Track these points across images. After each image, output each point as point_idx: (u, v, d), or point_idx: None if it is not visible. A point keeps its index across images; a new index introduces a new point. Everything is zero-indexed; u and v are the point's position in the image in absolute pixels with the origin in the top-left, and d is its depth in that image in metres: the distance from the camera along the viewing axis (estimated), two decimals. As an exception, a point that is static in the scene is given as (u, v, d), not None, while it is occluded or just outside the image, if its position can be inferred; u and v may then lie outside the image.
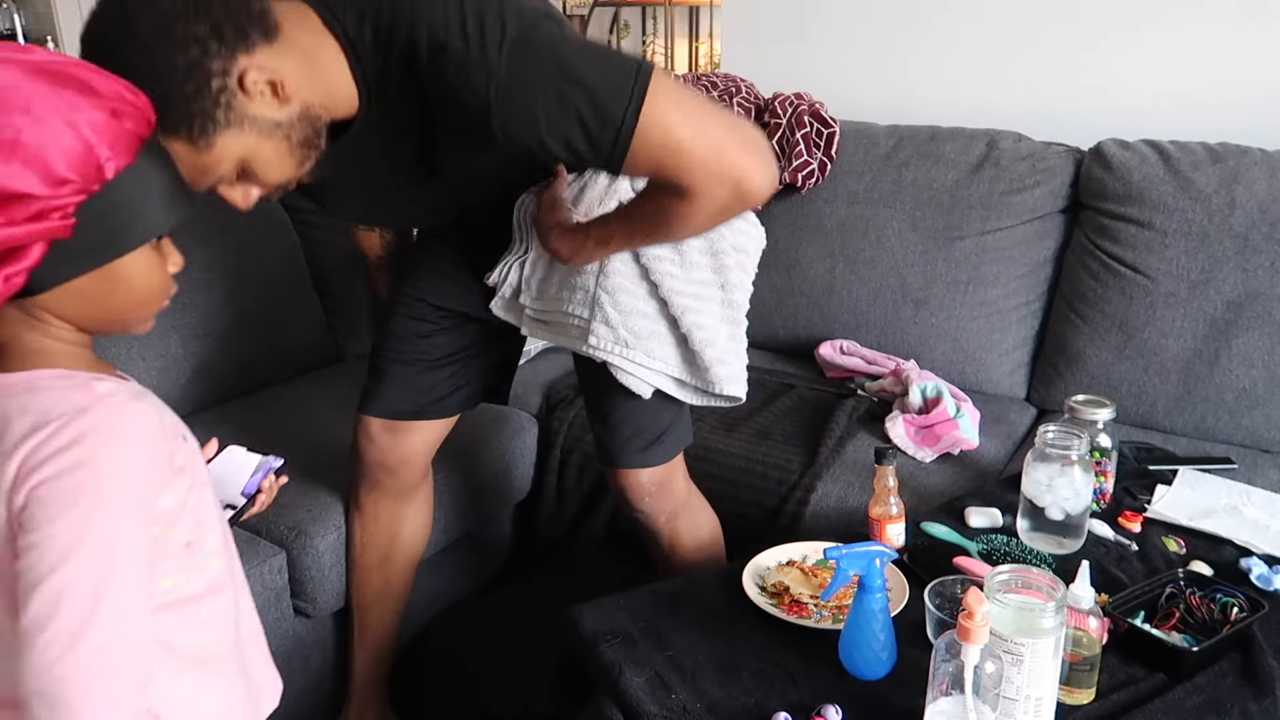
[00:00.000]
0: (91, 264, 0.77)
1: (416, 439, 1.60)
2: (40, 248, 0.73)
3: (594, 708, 1.16)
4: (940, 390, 1.86)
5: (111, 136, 0.74)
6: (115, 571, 0.74)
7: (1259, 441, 1.82)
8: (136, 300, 0.83)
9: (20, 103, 0.70)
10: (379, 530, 1.65)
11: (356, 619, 1.68)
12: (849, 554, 1.18)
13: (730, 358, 1.40)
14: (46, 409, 0.75)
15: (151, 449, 0.79)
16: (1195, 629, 1.21)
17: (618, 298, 1.34)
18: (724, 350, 1.39)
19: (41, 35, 5.36)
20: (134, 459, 0.77)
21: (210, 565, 0.88)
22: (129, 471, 0.76)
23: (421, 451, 1.62)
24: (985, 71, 2.38)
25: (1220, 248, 1.84)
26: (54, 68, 0.74)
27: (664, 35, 5.46)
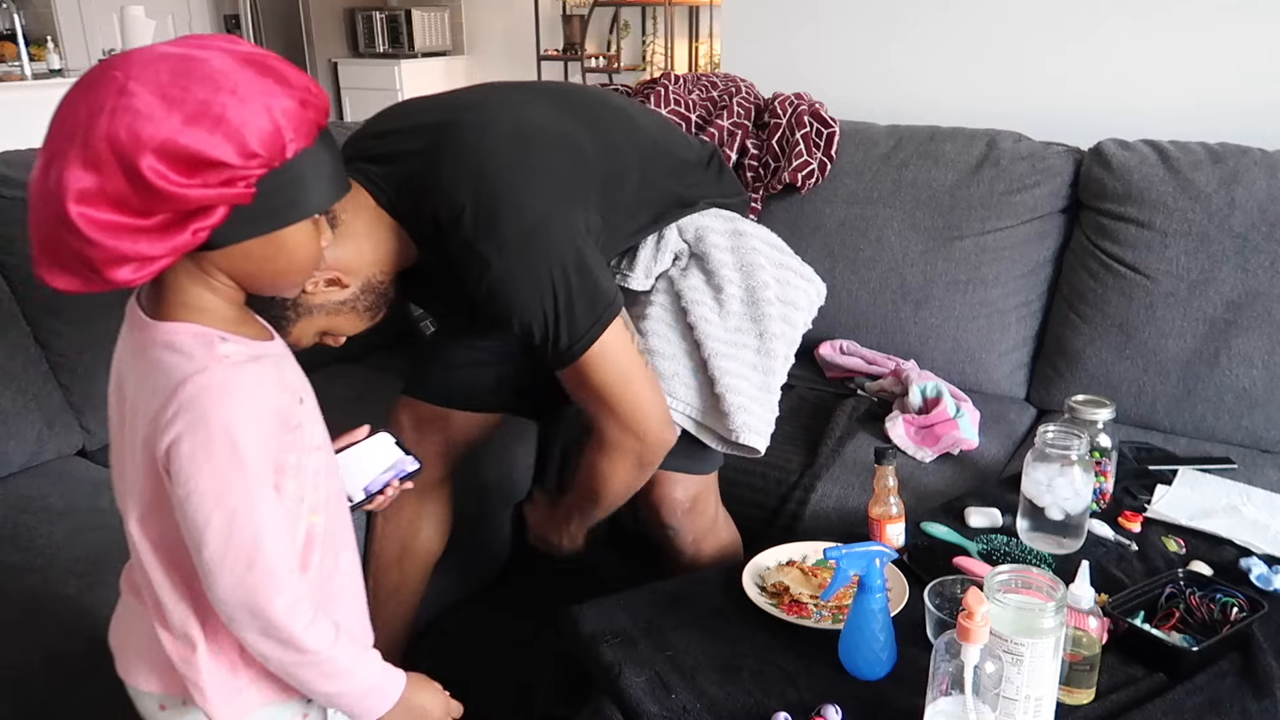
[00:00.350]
0: (264, 229, 0.88)
1: (443, 435, 1.62)
2: (224, 210, 0.83)
3: (594, 708, 1.17)
4: (940, 390, 1.86)
5: (297, 122, 0.85)
6: (259, 507, 0.88)
7: (1259, 441, 1.82)
8: (293, 266, 0.93)
9: (229, 85, 0.81)
10: (400, 526, 1.66)
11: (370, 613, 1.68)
12: (849, 554, 1.18)
13: (754, 407, 1.44)
14: (174, 366, 0.87)
15: (265, 406, 0.89)
16: (1195, 629, 1.21)
17: (649, 340, 1.44)
18: (749, 399, 1.44)
19: (41, 35, 5.36)
20: (250, 416, 0.87)
21: (309, 519, 0.97)
22: (248, 426, 0.87)
23: (446, 449, 1.63)
24: (985, 71, 2.38)
25: (1220, 248, 1.84)
26: (258, 59, 0.85)
27: (664, 35, 5.46)
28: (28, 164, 1.86)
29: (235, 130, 0.80)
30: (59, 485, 1.72)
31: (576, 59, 5.68)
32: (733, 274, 1.47)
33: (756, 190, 2.25)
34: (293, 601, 0.91)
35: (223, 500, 0.86)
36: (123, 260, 0.82)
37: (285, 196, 0.87)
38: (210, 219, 0.83)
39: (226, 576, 0.88)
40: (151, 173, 0.78)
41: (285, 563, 0.91)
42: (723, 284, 1.47)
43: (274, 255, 0.90)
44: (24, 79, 4.47)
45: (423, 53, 6.09)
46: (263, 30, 6.07)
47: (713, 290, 1.46)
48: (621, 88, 2.54)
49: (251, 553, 0.88)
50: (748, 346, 1.46)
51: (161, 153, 0.79)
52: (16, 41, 4.67)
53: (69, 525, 1.59)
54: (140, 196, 0.79)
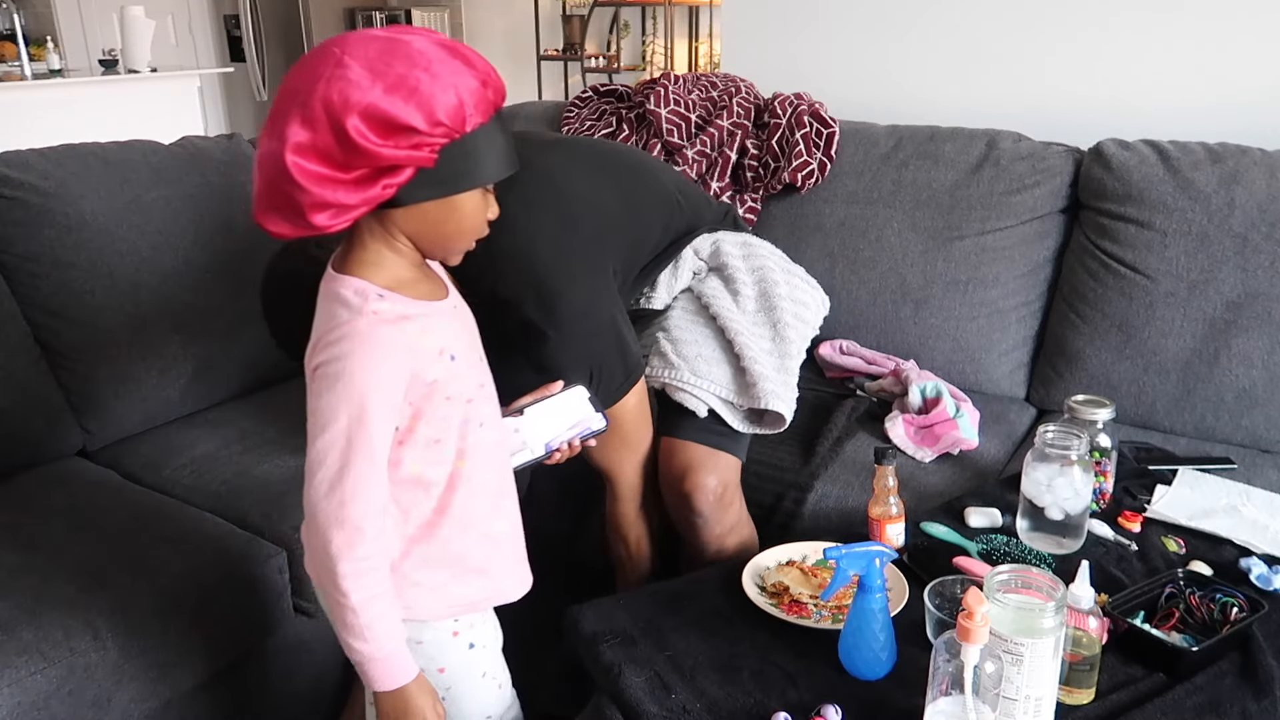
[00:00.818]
0: (441, 193, 1.01)
1: None
2: (411, 170, 0.97)
3: (594, 708, 1.17)
4: (940, 390, 1.86)
5: (477, 100, 0.98)
6: (358, 446, 1.00)
7: (1259, 441, 1.82)
8: (460, 231, 1.06)
9: (424, 63, 0.95)
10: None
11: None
12: (849, 554, 1.18)
13: (776, 377, 1.59)
14: (334, 313, 1.03)
15: (395, 362, 1.02)
16: (1195, 629, 1.21)
17: (672, 332, 1.61)
18: (770, 369, 1.59)
19: (41, 35, 5.36)
20: (378, 365, 1.01)
21: (451, 462, 1.11)
22: (374, 374, 1.00)
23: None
24: (985, 71, 2.38)
25: (1220, 248, 1.84)
26: (450, 45, 0.99)
27: (664, 35, 5.46)
28: (28, 164, 1.87)
29: (426, 101, 0.94)
30: (59, 485, 1.72)
31: (576, 59, 5.69)
32: (746, 277, 1.66)
33: (756, 190, 2.25)
34: (350, 541, 1.02)
35: (327, 427, 1.00)
36: (324, 206, 0.96)
37: (462, 165, 1.00)
38: (398, 177, 0.97)
39: (312, 491, 1.02)
40: (355, 132, 0.93)
41: (361, 504, 1.02)
42: (739, 286, 1.64)
43: (446, 218, 1.04)
44: (24, 79, 4.47)
45: (423, 53, 6.09)
46: (263, 30, 6.06)
47: (730, 292, 1.64)
48: (622, 87, 2.54)
49: (334, 480, 1.01)
50: (764, 336, 1.62)
51: (365, 115, 0.93)
52: (16, 42, 4.67)
53: (69, 525, 1.59)
54: (344, 152, 0.94)
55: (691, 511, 1.58)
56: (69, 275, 1.83)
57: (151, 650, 1.44)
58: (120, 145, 2.02)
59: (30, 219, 1.81)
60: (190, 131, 2.33)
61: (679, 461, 1.59)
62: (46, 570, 1.47)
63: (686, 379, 1.57)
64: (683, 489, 1.57)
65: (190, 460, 1.81)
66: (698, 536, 1.61)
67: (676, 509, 1.61)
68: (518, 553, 1.25)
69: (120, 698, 1.41)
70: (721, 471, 1.58)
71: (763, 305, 1.65)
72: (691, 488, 1.56)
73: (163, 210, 1.97)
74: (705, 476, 1.56)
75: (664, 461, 1.61)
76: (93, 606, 1.41)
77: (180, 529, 1.59)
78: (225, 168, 2.12)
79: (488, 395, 1.16)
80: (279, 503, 1.68)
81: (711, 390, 1.58)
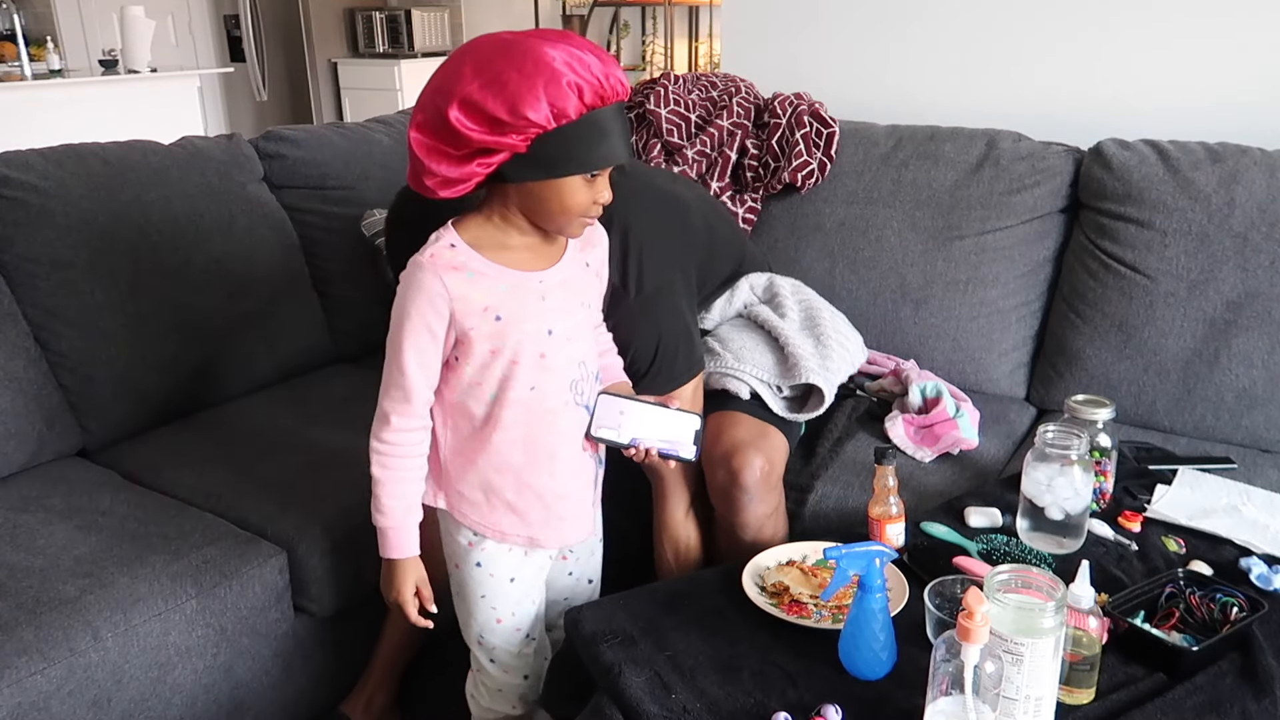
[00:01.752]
0: (540, 176, 1.18)
1: None
2: (505, 154, 1.14)
3: (594, 708, 1.17)
4: (940, 390, 1.86)
5: (561, 103, 1.12)
6: (392, 356, 1.24)
7: (1259, 441, 1.82)
8: (564, 208, 1.21)
9: (518, 65, 1.11)
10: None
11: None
12: (849, 554, 1.18)
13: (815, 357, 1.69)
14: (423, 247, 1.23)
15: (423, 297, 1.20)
16: (1195, 629, 1.21)
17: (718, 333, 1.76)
18: (809, 350, 1.70)
19: (41, 35, 5.36)
20: (412, 297, 1.21)
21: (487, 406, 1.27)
22: (407, 304, 1.21)
23: None
24: (985, 71, 2.38)
25: (1220, 247, 1.84)
26: (563, 51, 1.13)
27: (664, 35, 5.46)
28: (28, 164, 1.87)
29: (510, 97, 1.10)
30: (59, 485, 1.72)
31: (576, 59, 5.68)
32: (794, 305, 1.81)
33: (756, 190, 2.25)
34: (380, 426, 1.27)
35: (391, 330, 1.24)
36: (432, 175, 1.16)
37: (558, 153, 1.15)
38: (493, 159, 1.14)
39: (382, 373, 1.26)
40: (454, 119, 1.12)
41: (389, 400, 1.25)
42: (786, 311, 1.78)
43: (549, 197, 1.20)
44: (24, 79, 4.47)
45: (422, 53, 6.09)
46: (263, 30, 6.07)
47: (778, 315, 1.77)
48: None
49: (391, 366, 1.24)
50: (806, 342, 1.73)
51: (461, 105, 1.11)
52: (16, 42, 4.66)
53: (69, 525, 1.59)
54: (446, 133, 1.13)
55: (738, 488, 1.57)
56: (69, 275, 1.83)
57: (151, 650, 1.44)
58: (120, 145, 2.02)
59: (30, 219, 1.81)
60: (190, 131, 2.33)
61: (727, 438, 1.60)
62: (46, 569, 1.47)
63: (730, 364, 1.67)
64: (731, 465, 1.57)
65: (190, 460, 1.81)
66: (740, 515, 1.59)
67: (722, 487, 1.59)
68: (567, 512, 1.36)
69: (120, 698, 1.41)
70: (768, 451, 1.60)
71: (807, 325, 1.78)
72: (740, 465, 1.56)
73: (163, 210, 1.97)
74: (753, 455, 1.57)
75: (712, 440, 1.60)
76: (93, 606, 1.41)
77: (180, 529, 1.59)
78: (225, 168, 2.12)
79: (551, 367, 1.28)
80: (279, 503, 1.68)
81: (754, 374, 1.66)
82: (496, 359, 1.24)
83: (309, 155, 2.27)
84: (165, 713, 1.49)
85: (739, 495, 1.58)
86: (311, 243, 2.24)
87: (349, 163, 2.31)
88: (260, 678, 1.63)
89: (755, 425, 1.63)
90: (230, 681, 1.58)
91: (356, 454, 1.81)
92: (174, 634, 1.47)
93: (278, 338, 2.13)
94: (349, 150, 2.33)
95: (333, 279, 2.27)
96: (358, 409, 2.00)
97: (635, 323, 1.51)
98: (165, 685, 1.47)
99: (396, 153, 2.41)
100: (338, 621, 1.73)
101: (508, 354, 1.24)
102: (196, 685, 1.52)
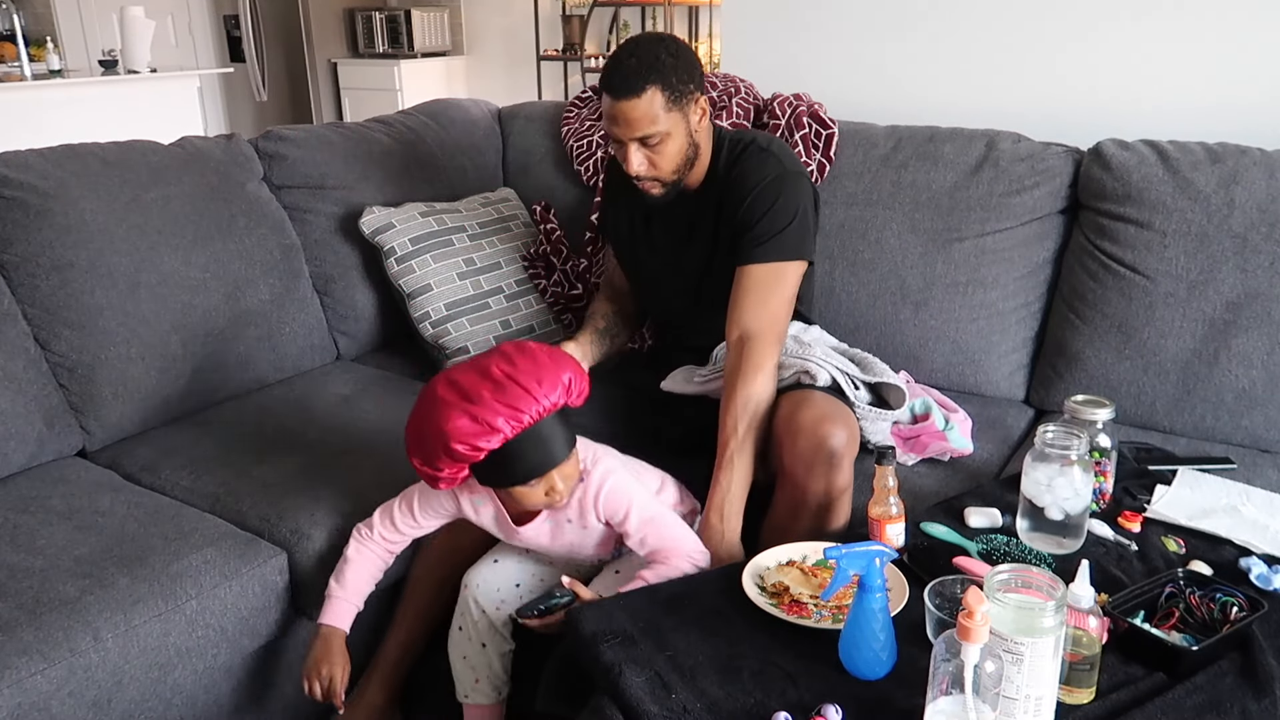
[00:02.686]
0: (492, 484, 1.45)
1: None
2: (465, 470, 1.38)
3: (594, 708, 1.17)
4: (929, 406, 1.86)
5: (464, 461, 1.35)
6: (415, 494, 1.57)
7: (1258, 441, 1.82)
8: (521, 503, 1.44)
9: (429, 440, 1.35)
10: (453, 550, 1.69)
11: (407, 598, 1.71)
12: (849, 554, 1.18)
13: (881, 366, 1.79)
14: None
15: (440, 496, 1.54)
16: (1195, 629, 1.21)
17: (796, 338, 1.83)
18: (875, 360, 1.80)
19: (41, 36, 5.36)
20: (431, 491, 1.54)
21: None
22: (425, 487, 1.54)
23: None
24: (984, 72, 2.38)
25: (1219, 248, 1.84)
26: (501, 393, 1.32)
27: (663, 36, 5.46)
28: (27, 164, 1.87)
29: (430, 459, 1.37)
30: (59, 486, 1.72)
31: (576, 59, 5.69)
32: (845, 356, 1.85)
33: (756, 190, 2.25)
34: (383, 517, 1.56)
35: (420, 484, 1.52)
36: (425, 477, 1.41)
37: (492, 474, 1.40)
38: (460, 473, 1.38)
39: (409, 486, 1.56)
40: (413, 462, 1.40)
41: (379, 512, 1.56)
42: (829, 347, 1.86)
43: (507, 495, 1.45)
44: (24, 80, 4.47)
45: (422, 53, 6.10)
46: (262, 31, 6.07)
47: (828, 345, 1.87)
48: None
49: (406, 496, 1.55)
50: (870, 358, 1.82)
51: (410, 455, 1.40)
52: (16, 42, 4.66)
53: (69, 525, 1.59)
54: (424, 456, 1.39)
55: (827, 451, 1.55)
56: (69, 275, 1.83)
57: (151, 651, 1.44)
58: (120, 145, 2.02)
59: (30, 219, 1.81)
60: (190, 132, 2.32)
61: (814, 411, 1.60)
62: (46, 570, 1.47)
63: (809, 351, 1.73)
64: (819, 432, 1.56)
65: (190, 461, 1.81)
66: (820, 483, 1.57)
67: (808, 454, 1.57)
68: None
69: (120, 698, 1.41)
70: (850, 428, 1.60)
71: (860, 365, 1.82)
72: (827, 433, 1.56)
73: (162, 210, 1.97)
74: (838, 426, 1.58)
75: (796, 413, 1.60)
76: (93, 606, 1.41)
77: (180, 529, 1.59)
78: (225, 168, 2.12)
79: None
80: (278, 504, 1.68)
81: (833, 363, 1.71)
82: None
83: (309, 155, 2.27)
84: (165, 713, 1.49)
85: (829, 459, 1.56)
86: (311, 243, 2.24)
87: (349, 163, 2.31)
88: (260, 679, 1.63)
89: (837, 404, 1.65)
90: (230, 682, 1.58)
91: (356, 454, 1.82)
92: (174, 635, 1.47)
93: (278, 338, 2.13)
94: (349, 150, 2.33)
95: (333, 279, 2.27)
96: (358, 409, 2.02)
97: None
98: (165, 686, 1.47)
99: (396, 153, 2.41)
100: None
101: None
102: (197, 686, 1.52)
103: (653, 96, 1.65)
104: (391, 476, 1.75)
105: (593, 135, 2.45)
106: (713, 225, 1.80)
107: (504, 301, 2.24)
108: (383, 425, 1.89)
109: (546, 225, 2.40)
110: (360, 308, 2.30)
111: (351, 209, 2.26)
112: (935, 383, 2.07)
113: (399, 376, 2.20)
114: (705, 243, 1.83)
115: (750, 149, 1.79)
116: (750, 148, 1.79)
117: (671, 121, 1.68)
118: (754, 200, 1.73)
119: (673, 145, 1.71)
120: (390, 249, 2.19)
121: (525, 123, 2.63)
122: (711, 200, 1.80)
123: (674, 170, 1.74)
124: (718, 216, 1.79)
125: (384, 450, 1.80)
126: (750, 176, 1.75)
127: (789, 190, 1.74)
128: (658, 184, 1.75)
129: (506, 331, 2.21)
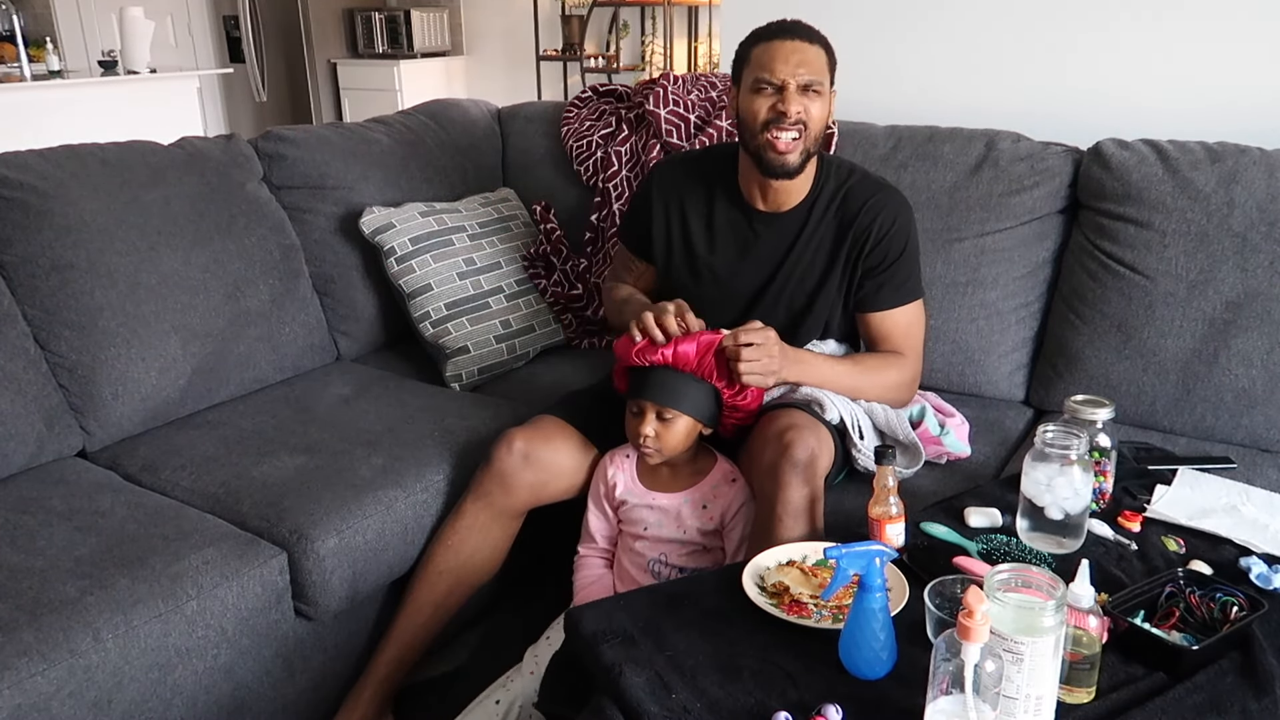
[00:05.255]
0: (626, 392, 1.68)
1: (542, 472, 1.72)
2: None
3: (594, 708, 1.17)
4: (924, 413, 1.85)
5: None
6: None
7: (1258, 441, 1.82)
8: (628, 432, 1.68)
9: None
10: (469, 538, 1.71)
11: (403, 611, 1.72)
12: (849, 554, 1.18)
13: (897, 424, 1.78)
14: None
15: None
16: (1195, 628, 1.21)
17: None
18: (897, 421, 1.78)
19: (40, 36, 5.36)
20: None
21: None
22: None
23: (538, 483, 1.73)
24: (984, 72, 2.38)
25: (1219, 247, 1.84)
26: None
27: (663, 35, 5.46)
28: (27, 164, 1.87)
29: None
30: (59, 486, 1.72)
31: (575, 59, 5.69)
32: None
33: (756, 190, 2.25)
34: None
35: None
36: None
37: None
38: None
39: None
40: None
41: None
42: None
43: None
44: (23, 80, 4.47)
45: (422, 53, 6.09)
46: (262, 31, 6.07)
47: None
48: (621, 88, 2.54)
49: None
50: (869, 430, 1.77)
51: None
52: (15, 43, 4.66)
53: (69, 526, 1.59)
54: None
55: (787, 460, 1.54)
56: (69, 275, 1.83)
57: (151, 652, 1.44)
58: (119, 146, 2.02)
59: (30, 219, 1.81)
60: (189, 132, 2.33)
61: (784, 422, 1.59)
62: (46, 570, 1.47)
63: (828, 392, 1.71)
64: (784, 440, 1.56)
65: (190, 461, 1.81)
66: (783, 493, 1.55)
67: (772, 463, 1.56)
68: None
69: (120, 699, 1.41)
70: (821, 443, 1.58)
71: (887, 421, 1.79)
72: (791, 440, 1.55)
73: (162, 210, 1.97)
74: (807, 436, 1.56)
75: (767, 425, 1.61)
76: (93, 607, 1.41)
77: (180, 530, 1.59)
78: (224, 168, 2.12)
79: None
80: (278, 504, 1.68)
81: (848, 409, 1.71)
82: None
83: (308, 155, 2.27)
84: (165, 714, 1.49)
85: (786, 469, 1.54)
86: (311, 243, 2.24)
87: (349, 163, 2.31)
88: (261, 679, 1.63)
89: (813, 420, 1.63)
90: (231, 683, 1.58)
91: (356, 454, 1.82)
92: (174, 635, 1.47)
93: (278, 338, 2.13)
94: (348, 150, 2.33)
95: (333, 279, 2.27)
96: (358, 409, 2.02)
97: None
98: (165, 686, 1.47)
99: (396, 153, 2.41)
100: (337, 624, 1.73)
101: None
102: (197, 686, 1.52)
103: (820, 53, 1.66)
104: (392, 476, 1.75)
105: (592, 135, 2.45)
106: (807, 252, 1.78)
107: (504, 301, 2.24)
108: (383, 425, 1.90)
109: (546, 225, 2.40)
110: (360, 308, 2.30)
111: (351, 209, 2.26)
112: (935, 383, 2.07)
113: (399, 376, 2.20)
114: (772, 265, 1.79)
115: (869, 180, 1.79)
116: (869, 179, 1.79)
117: (826, 87, 1.67)
118: (891, 238, 1.75)
119: (820, 110, 1.67)
120: (390, 249, 2.19)
121: (525, 123, 2.63)
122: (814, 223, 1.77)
123: (816, 137, 1.69)
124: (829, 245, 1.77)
125: (384, 450, 1.80)
126: (884, 212, 1.75)
127: (915, 228, 1.80)
128: (799, 146, 1.66)
129: (506, 331, 2.21)
